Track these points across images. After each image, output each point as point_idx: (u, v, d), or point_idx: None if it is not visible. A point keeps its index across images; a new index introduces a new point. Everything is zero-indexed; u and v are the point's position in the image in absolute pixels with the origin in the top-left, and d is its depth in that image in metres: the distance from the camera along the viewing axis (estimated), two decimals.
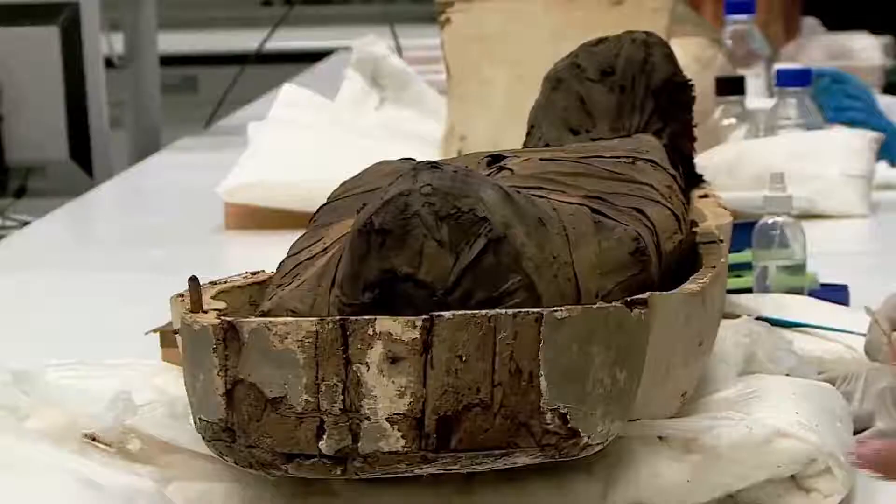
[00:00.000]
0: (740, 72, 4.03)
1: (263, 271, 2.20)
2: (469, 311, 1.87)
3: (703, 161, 2.86)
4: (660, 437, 2.04)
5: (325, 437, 1.88)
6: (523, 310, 1.89)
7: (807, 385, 2.23)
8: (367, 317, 1.87)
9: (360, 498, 1.96)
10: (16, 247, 3.74)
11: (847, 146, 3.44)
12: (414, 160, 2.11)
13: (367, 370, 1.86)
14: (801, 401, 2.13)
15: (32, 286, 3.30)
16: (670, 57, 2.69)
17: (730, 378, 2.21)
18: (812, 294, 2.74)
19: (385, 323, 1.86)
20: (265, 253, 2.28)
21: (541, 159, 2.35)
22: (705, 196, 2.59)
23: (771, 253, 2.79)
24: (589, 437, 1.91)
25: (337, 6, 5.72)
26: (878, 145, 3.65)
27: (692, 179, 2.64)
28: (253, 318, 1.96)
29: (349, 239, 1.96)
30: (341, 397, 1.87)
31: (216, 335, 1.90)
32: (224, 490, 1.95)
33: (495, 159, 2.30)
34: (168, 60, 4.87)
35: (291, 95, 3.94)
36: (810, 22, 5.16)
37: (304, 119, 3.83)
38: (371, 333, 1.86)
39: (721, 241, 2.40)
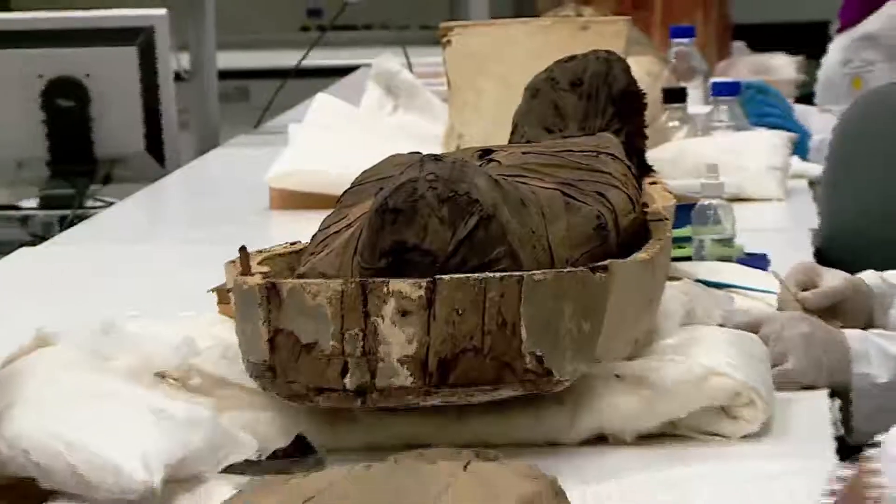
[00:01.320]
0: (683, 84, 4.01)
1: (299, 242, 2.19)
2: (464, 275, 1.88)
3: (653, 155, 2.84)
4: (617, 376, 2.03)
5: (348, 375, 1.88)
6: (508, 273, 1.90)
7: (734, 334, 2.22)
8: (382, 279, 1.88)
9: (376, 424, 1.95)
10: (102, 223, 3.72)
11: (768, 144, 3.43)
12: (420, 154, 2.10)
13: (383, 321, 1.87)
14: (729, 346, 2.12)
15: (115, 255, 3.29)
16: (627, 71, 2.69)
17: (673, 328, 2.20)
18: (739, 262, 2.73)
19: (397, 284, 1.87)
20: (301, 228, 2.27)
21: (522, 153, 2.35)
22: (654, 183, 2.59)
23: (706, 229, 2.78)
24: (560, 376, 1.92)
25: (360, 31, 5.71)
26: (792, 144, 3.64)
27: (644, 169, 2.64)
28: (290, 280, 1.97)
29: (368, 216, 1.96)
30: (361, 343, 1.87)
31: (261, 293, 1.91)
32: (267, 417, 1.95)
33: (486, 153, 2.30)
34: (224, 74, 4.84)
35: (324, 102, 3.92)
36: (738, 45, 5.14)
37: (334, 121, 3.82)
38: (385, 292, 1.87)
39: (667, 219, 2.40)
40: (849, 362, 2.45)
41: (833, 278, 2.72)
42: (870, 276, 2.78)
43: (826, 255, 2.79)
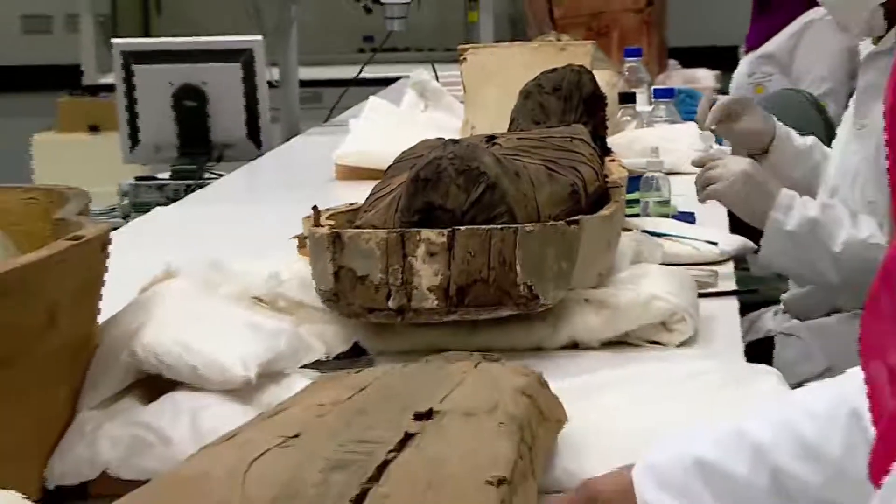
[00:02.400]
0: (633, 90, 3.99)
1: (356, 203, 2.18)
2: (475, 227, 1.89)
3: (611, 140, 2.83)
4: (586, 300, 2.02)
5: (391, 299, 1.88)
6: (507, 226, 1.90)
7: (670, 269, 2.20)
8: (415, 229, 1.89)
9: (411, 334, 1.95)
10: (215, 190, 3.71)
11: (693, 133, 3.40)
12: (443, 139, 2.10)
13: (416, 260, 1.87)
14: (667, 278, 2.10)
15: (224, 212, 3.29)
16: (592, 80, 2.67)
17: (625, 266, 2.19)
18: (674, 217, 2.71)
19: (426, 233, 1.87)
20: (357, 193, 2.27)
21: (517, 138, 2.34)
22: (612, 161, 2.57)
23: (650, 194, 2.76)
24: (545, 300, 1.92)
25: (401, 52, 5.70)
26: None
27: (605, 151, 2.62)
28: (350, 230, 1.97)
29: (406, 184, 1.97)
30: (401, 276, 1.87)
31: (328, 240, 1.90)
32: (332, 330, 1.94)
33: (491, 138, 2.29)
34: (303, 83, 4.82)
35: (375, 104, 3.92)
36: (672, 62, 5.11)
37: (382, 117, 3.82)
38: (418, 239, 1.87)
39: (621, 186, 2.38)
40: (770, 208, 2.42)
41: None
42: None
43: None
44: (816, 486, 1.28)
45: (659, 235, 2.48)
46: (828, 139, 2.96)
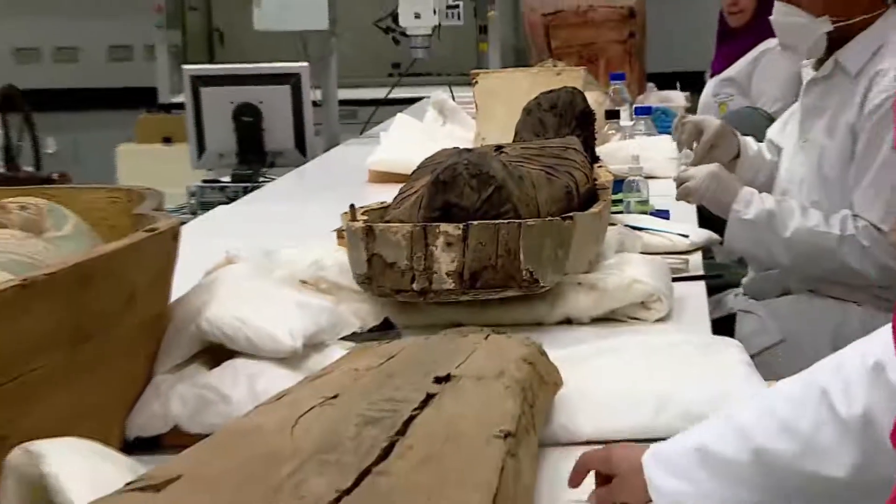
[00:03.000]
0: (617, 108, 3.98)
1: (385, 202, 2.17)
2: (485, 222, 1.87)
3: (600, 150, 2.82)
4: (578, 283, 2.01)
5: (415, 282, 1.87)
6: (512, 220, 1.89)
7: (649, 258, 2.19)
8: (435, 224, 1.87)
9: (432, 312, 1.94)
10: (268, 191, 3.71)
11: (668, 144, 3.38)
12: (459, 148, 2.10)
13: (436, 249, 1.86)
14: (646, 265, 2.10)
15: (275, 210, 3.30)
16: (584, 99, 2.67)
17: (611, 255, 2.18)
18: (651, 214, 2.70)
19: (444, 226, 1.86)
20: (387, 193, 2.26)
21: (521, 148, 2.33)
22: (600, 167, 2.57)
23: (632, 195, 2.75)
24: (544, 283, 1.91)
25: (423, 76, 5.69)
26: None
27: (594, 159, 2.62)
28: (380, 224, 1.95)
29: (427, 186, 1.95)
30: (423, 262, 1.86)
31: (362, 232, 1.89)
32: (366, 307, 1.94)
33: (498, 148, 2.28)
34: (342, 102, 4.83)
35: (402, 119, 3.91)
36: (650, 85, 5.07)
37: (407, 130, 3.81)
38: (437, 231, 1.86)
39: (607, 188, 2.38)
40: (733, 201, 2.43)
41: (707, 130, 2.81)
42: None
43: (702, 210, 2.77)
44: (790, 457, 1.27)
45: (639, 229, 2.48)
46: None
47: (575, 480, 1.36)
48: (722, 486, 1.29)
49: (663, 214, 2.74)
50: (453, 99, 4.28)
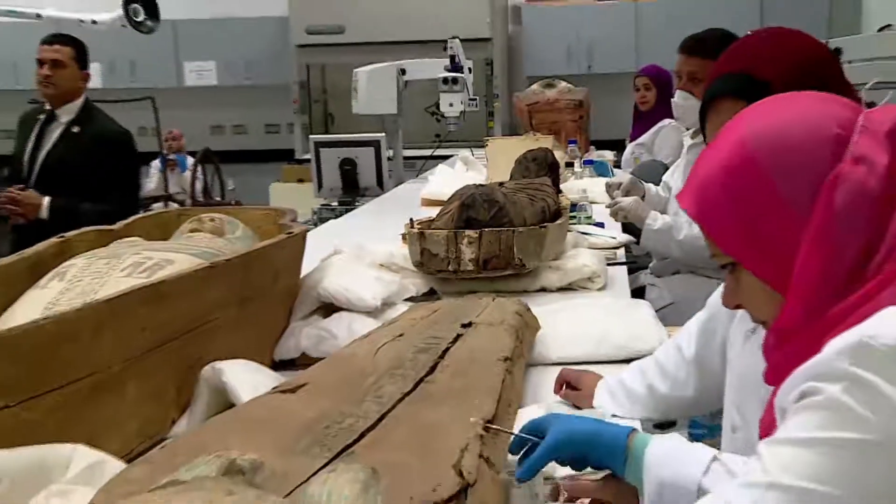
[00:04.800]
0: (572, 160, 3.95)
1: (431, 217, 2.13)
2: (493, 229, 1.83)
3: (562, 186, 2.78)
4: (549, 266, 1.98)
5: (449, 265, 1.84)
6: (509, 228, 1.84)
7: (592, 251, 2.15)
8: (462, 230, 1.83)
9: (460, 284, 1.89)
10: (360, 211, 3.67)
11: (602, 182, 3.35)
12: (476, 184, 2.06)
13: (462, 245, 1.82)
14: (591, 256, 2.06)
15: (364, 222, 3.26)
16: (552, 155, 2.64)
17: (569, 249, 2.14)
18: (594, 225, 2.66)
19: (468, 232, 1.82)
20: (432, 212, 2.22)
21: (514, 184, 2.29)
22: (562, 195, 2.53)
23: (581, 213, 2.72)
24: (529, 267, 1.87)
25: (454, 142, 5.66)
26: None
27: (558, 191, 2.58)
28: (428, 230, 1.90)
29: (456, 207, 1.91)
30: (454, 254, 1.83)
31: (417, 235, 1.86)
32: (419, 281, 1.90)
33: (500, 184, 2.25)
34: (405, 158, 4.78)
35: (441, 167, 3.90)
36: (591, 147, 5.00)
37: (444, 175, 3.79)
38: (463, 235, 1.82)
39: (567, 208, 2.34)
40: (647, 218, 2.37)
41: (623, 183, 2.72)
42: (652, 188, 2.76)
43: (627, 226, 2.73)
44: (665, 390, 1.29)
45: (586, 234, 2.45)
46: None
47: (556, 387, 1.33)
48: (630, 404, 1.30)
49: (600, 225, 2.70)
50: (473, 155, 4.25)
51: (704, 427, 1.48)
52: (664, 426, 1.37)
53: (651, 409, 1.29)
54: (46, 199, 2.82)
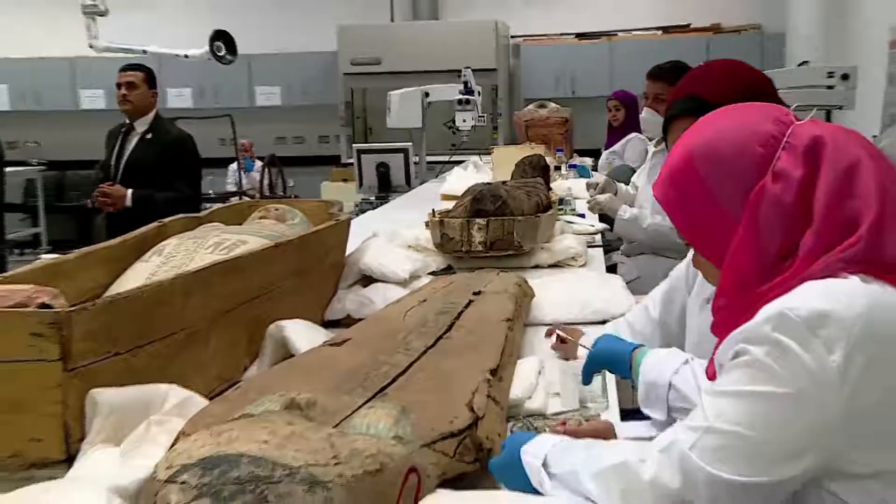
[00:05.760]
0: (559, 165, 3.91)
1: (449, 209, 2.10)
2: (497, 218, 1.80)
3: (552, 184, 2.74)
4: (542, 247, 1.95)
5: (463, 247, 1.81)
6: (510, 217, 1.81)
7: (576, 236, 2.11)
8: (473, 219, 1.80)
9: (471, 261, 1.85)
10: (392, 204, 3.63)
11: (583, 182, 3.30)
12: (484, 183, 2.03)
13: (473, 231, 1.80)
14: (574, 238, 2.02)
15: (396, 213, 3.19)
16: (544, 160, 2.60)
17: (557, 234, 2.11)
18: (577, 215, 2.62)
19: (477, 221, 1.79)
20: (450, 206, 2.18)
21: (514, 182, 2.26)
22: (552, 192, 2.49)
23: (567, 205, 2.68)
24: (527, 248, 1.83)
25: (466, 149, 5.60)
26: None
27: (549, 189, 2.53)
28: (447, 218, 1.87)
29: (468, 200, 1.87)
30: (468, 238, 1.80)
31: (438, 223, 1.83)
32: (440, 259, 1.86)
33: (503, 182, 2.21)
34: (428, 163, 4.71)
35: (456, 170, 3.86)
36: (575, 154, 4.93)
37: (459, 176, 3.74)
38: (474, 223, 1.79)
39: (556, 202, 2.31)
40: (618, 210, 2.34)
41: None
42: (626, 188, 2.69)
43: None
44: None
45: (571, 222, 2.41)
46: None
47: (548, 335, 1.31)
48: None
49: (582, 216, 2.67)
50: (481, 160, 4.20)
51: None
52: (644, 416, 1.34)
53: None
54: (129, 192, 2.95)
